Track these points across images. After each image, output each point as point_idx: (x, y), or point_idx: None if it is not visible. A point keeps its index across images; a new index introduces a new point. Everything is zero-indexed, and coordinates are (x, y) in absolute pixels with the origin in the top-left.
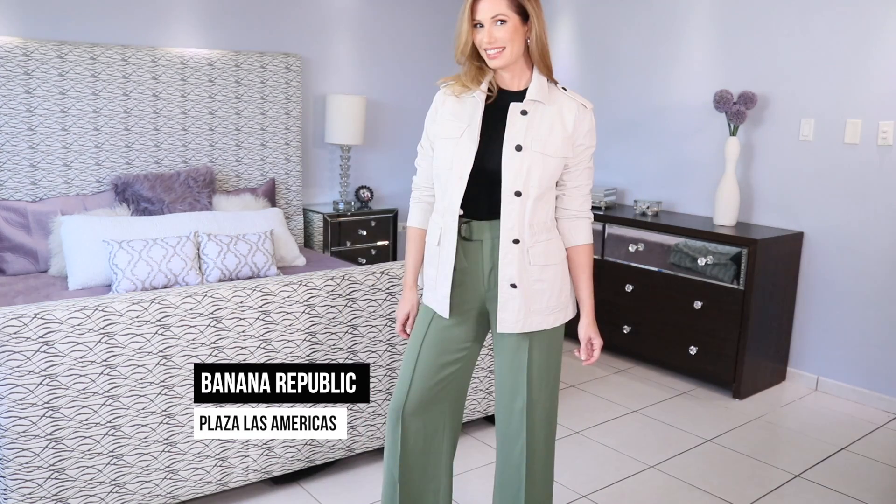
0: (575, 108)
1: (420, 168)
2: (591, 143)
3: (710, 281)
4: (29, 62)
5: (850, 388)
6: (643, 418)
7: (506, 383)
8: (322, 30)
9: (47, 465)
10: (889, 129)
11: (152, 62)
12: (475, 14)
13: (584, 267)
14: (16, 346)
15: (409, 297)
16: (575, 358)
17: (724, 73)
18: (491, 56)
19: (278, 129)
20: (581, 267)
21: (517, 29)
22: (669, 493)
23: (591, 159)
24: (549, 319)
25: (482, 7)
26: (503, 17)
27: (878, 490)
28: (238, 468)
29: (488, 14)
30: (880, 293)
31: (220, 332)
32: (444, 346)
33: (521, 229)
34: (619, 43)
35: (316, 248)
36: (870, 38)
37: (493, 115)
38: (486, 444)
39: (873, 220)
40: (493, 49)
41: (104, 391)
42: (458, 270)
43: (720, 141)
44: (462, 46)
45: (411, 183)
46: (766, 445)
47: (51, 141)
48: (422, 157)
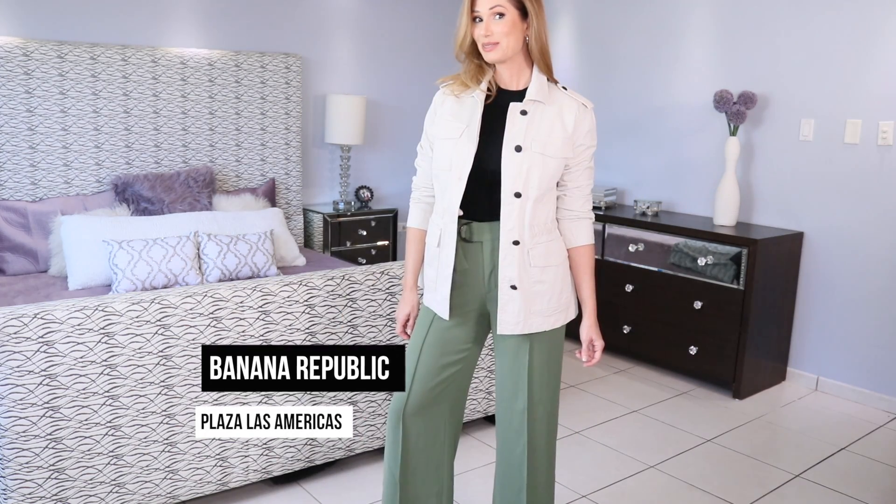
0: (575, 108)
1: (420, 168)
2: (592, 143)
3: (710, 281)
4: (29, 62)
5: (850, 388)
6: (643, 418)
7: (507, 384)
8: (322, 30)
9: (47, 465)
10: (889, 129)
11: (152, 62)
12: (475, 7)
13: (585, 267)
14: (16, 346)
15: (409, 297)
16: (576, 359)
17: (724, 73)
18: (487, 49)
19: (278, 129)
20: (583, 267)
21: (515, 24)
22: (669, 493)
23: (591, 159)
24: (550, 321)
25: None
26: (501, 9)
27: (878, 490)
28: (238, 468)
29: (487, 6)
30: (880, 293)
31: (220, 332)
32: (445, 348)
33: (521, 230)
34: (619, 43)
35: (316, 248)
36: (870, 38)
37: (492, 115)
38: (486, 444)
39: (873, 220)
40: (490, 42)
41: (104, 391)
42: (458, 272)
43: (720, 141)
44: (461, 41)
45: (411, 183)
46: (766, 445)
47: (51, 141)
48: (422, 157)
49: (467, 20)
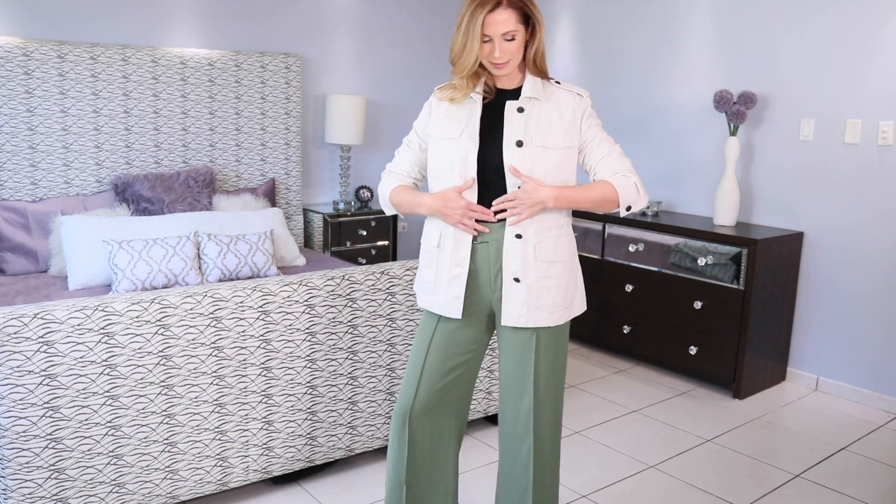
0: (571, 99)
1: (400, 156)
2: (596, 120)
3: (710, 281)
4: (29, 62)
5: (850, 388)
6: (643, 418)
7: (512, 383)
8: (322, 30)
9: (47, 465)
10: (889, 129)
11: (152, 62)
12: (485, 29)
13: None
14: (16, 346)
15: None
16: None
17: (724, 73)
18: (499, 67)
19: (278, 129)
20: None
21: (523, 40)
22: (669, 493)
23: (602, 131)
24: (554, 317)
25: (494, 23)
26: (514, 33)
27: (878, 490)
28: (238, 468)
29: (500, 31)
30: (880, 293)
31: (220, 332)
32: (452, 349)
33: (526, 224)
34: (620, 43)
35: (316, 248)
36: (870, 38)
37: (489, 115)
38: (487, 444)
39: (873, 220)
40: (502, 63)
41: (104, 391)
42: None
43: (720, 141)
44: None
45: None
46: (766, 445)
47: (51, 141)
48: (406, 148)
49: (478, 44)
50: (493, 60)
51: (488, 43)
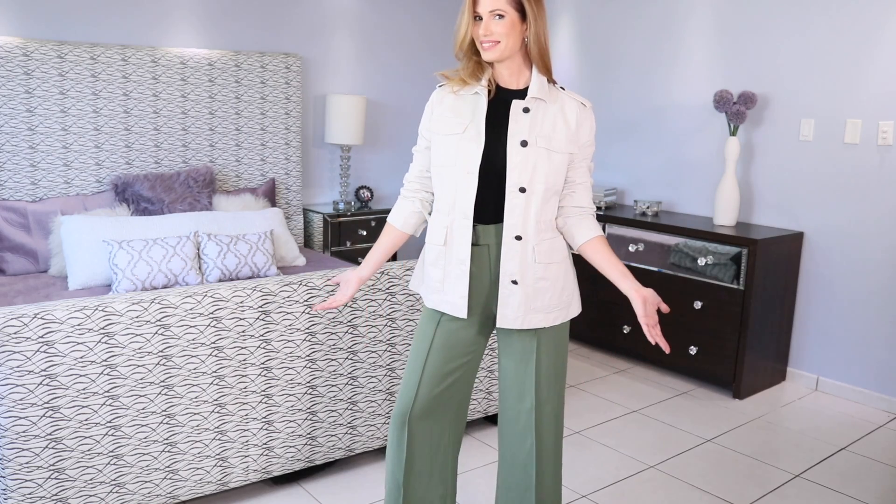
0: (576, 107)
1: (412, 164)
2: (593, 142)
3: (710, 281)
4: (29, 62)
5: (850, 388)
6: (643, 418)
7: (513, 384)
8: (322, 30)
9: (47, 465)
10: (889, 129)
11: (152, 62)
12: (475, 7)
13: (610, 252)
14: (16, 346)
15: (355, 275)
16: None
17: (724, 73)
18: (485, 48)
19: (278, 129)
20: (608, 253)
21: (514, 25)
22: (669, 493)
23: (591, 158)
24: (551, 317)
25: (483, 0)
26: (501, 11)
27: (878, 490)
28: (238, 468)
29: (487, 7)
30: (880, 293)
31: (220, 332)
32: (453, 350)
33: (525, 226)
34: (620, 43)
35: (316, 248)
36: (870, 38)
37: (494, 113)
38: (487, 444)
39: (873, 220)
40: (488, 42)
41: (104, 391)
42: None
43: (720, 141)
44: (461, 40)
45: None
46: (766, 445)
47: (51, 141)
48: (416, 154)
49: (468, 19)
50: (481, 39)
51: (480, 23)
